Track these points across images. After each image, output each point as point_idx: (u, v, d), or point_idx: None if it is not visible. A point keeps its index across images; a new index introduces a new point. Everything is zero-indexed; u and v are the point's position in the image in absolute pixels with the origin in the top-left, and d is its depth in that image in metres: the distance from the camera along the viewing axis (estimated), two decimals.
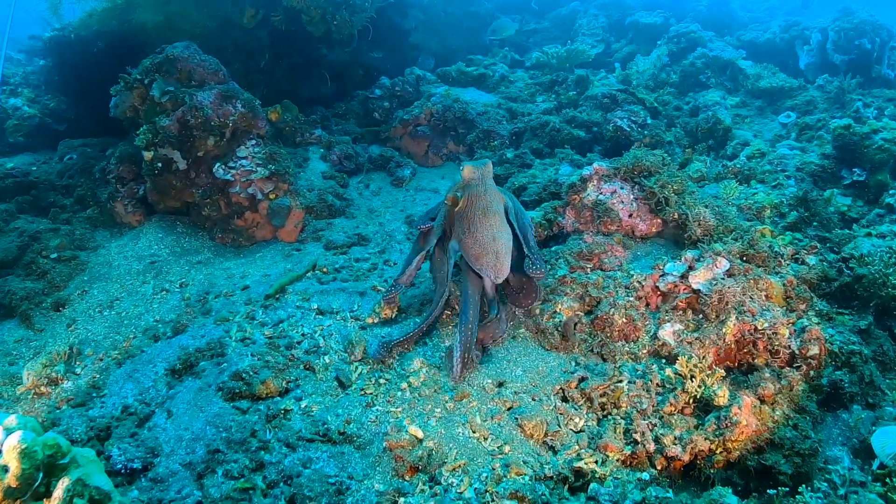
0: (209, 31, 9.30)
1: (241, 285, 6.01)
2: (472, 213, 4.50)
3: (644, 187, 5.29)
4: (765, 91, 9.57)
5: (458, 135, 9.22)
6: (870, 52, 9.60)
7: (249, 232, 7.20)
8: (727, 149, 8.31)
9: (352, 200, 8.07)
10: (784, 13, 14.26)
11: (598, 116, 8.76)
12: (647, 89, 10.33)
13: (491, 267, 4.41)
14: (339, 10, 9.22)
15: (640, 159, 5.43)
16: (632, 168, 5.45)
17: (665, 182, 5.20)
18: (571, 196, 5.50)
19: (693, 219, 4.94)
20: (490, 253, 4.41)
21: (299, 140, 8.92)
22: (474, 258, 4.45)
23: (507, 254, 4.49)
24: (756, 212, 5.97)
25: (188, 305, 5.77)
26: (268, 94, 10.29)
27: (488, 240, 4.42)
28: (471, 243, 4.46)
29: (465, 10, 13.81)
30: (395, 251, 6.84)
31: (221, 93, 7.29)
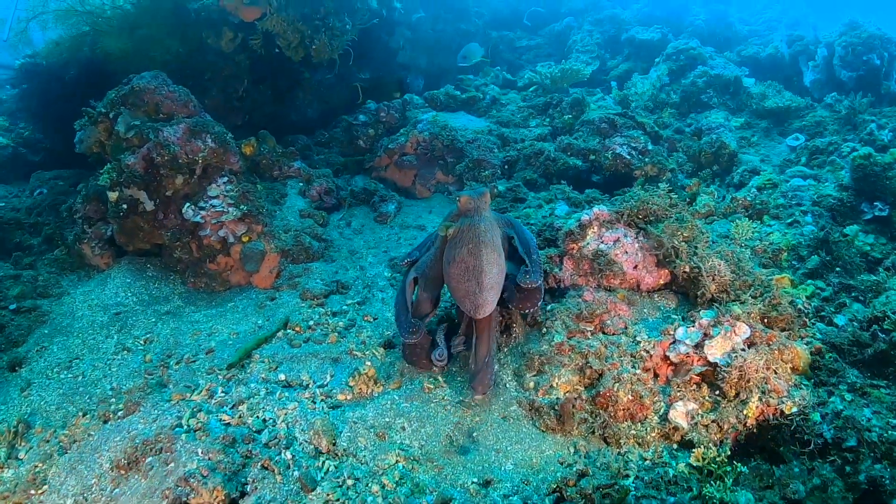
0: (183, 57, 8.83)
1: (206, 346, 5.48)
2: (462, 243, 4.20)
3: (650, 235, 4.74)
4: (771, 111, 9.05)
5: (447, 164, 8.68)
6: (878, 69, 9.09)
7: (223, 276, 6.70)
8: (734, 175, 7.78)
9: (331, 241, 7.52)
10: (784, 26, 13.77)
11: (596, 143, 8.23)
12: (647, 111, 9.83)
13: (470, 298, 4.08)
14: (318, 33, 8.70)
15: (646, 202, 4.89)
16: (637, 212, 4.90)
17: (674, 229, 4.64)
18: (569, 245, 4.94)
19: (707, 273, 4.38)
20: (472, 281, 4.08)
21: (277, 173, 8.37)
22: (454, 287, 4.19)
23: (493, 288, 4.12)
24: (772, 255, 5.42)
25: (147, 373, 5.23)
26: (250, 120, 9.83)
27: (472, 266, 4.10)
28: (454, 272, 4.18)
29: (455, 27, 13.32)
30: (377, 301, 6.29)
31: (190, 127, 6.79)
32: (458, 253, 4.19)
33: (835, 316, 4.36)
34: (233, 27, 8.77)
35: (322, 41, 8.64)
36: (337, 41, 8.83)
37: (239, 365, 5.09)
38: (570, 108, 9.33)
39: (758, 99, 9.19)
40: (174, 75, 8.08)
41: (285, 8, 8.55)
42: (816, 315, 4.43)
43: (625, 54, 12.29)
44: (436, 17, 13.22)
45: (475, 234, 4.19)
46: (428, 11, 13.08)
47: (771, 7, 15.39)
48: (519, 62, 13.83)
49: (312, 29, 8.73)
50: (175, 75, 8.08)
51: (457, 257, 4.19)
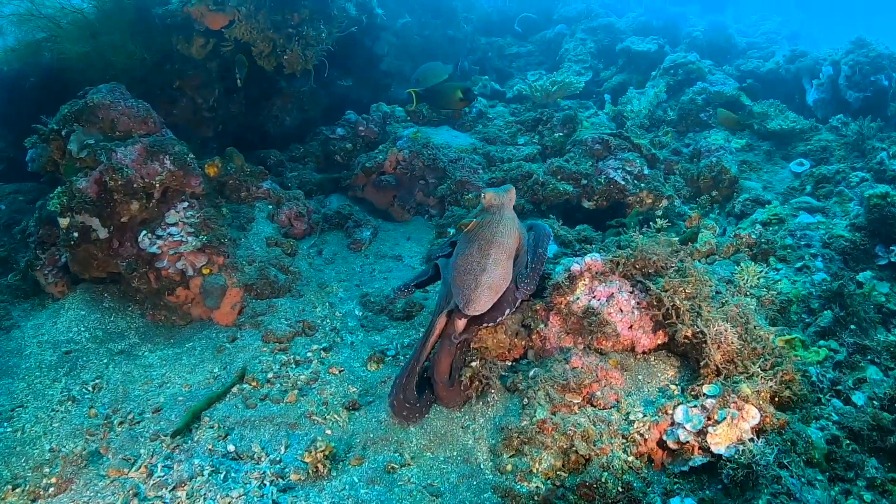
0: (149, 65, 8.24)
1: (154, 402, 4.96)
2: (476, 239, 4.27)
3: (649, 291, 4.18)
4: (773, 133, 8.53)
5: (428, 185, 8.11)
6: (886, 90, 8.60)
7: (184, 309, 6.21)
8: (734, 204, 7.25)
9: (299, 273, 6.92)
10: (784, 38, 13.29)
11: (588, 166, 7.68)
12: (642, 129, 9.28)
13: (465, 291, 4.09)
14: (290, 42, 8.10)
15: (645, 252, 4.34)
16: (634, 262, 4.35)
17: (676, 285, 4.10)
18: (556, 299, 4.38)
19: (712, 340, 3.83)
20: (470, 276, 4.12)
21: (245, 195, 7.76)
22: (454, 277, 4.21)
23: (490, 290, 4.12)
24: (780, 306, 4.89)
25: (89, 433, 4.68)
26: (223, 130, 9.22)
27: (476, 263, 4.15)
28: (460, 263, 4.24)
29: (442, 33, 12.72)
30: (345, 347, 5.73)
31: (146, 147, 6.27)
32: (469, 247, 4.23)
33: (853, 393, 3.82)
34: (203, 32, 8.18)
35: (294, 51, 8.05)
36: (311, 51, 8.23)
37: (186, 430, 4.54)
38: (561, 125, 8.77)
39: (760, 119, 8.67)
40: (140, 84, 7.42)
41: (255, 15, 7.95)
42: (832, 389, 3.90)
43: (619, 65, 11.75)
44: (422, 22, 12.62)
45: (491, 233, 4.24)
46: (414, 17, 12.48)
47: (769, 18, 14.92)
48: (509, 70, 13.26)
49: (285, 38, 8.13)
50: (141, 84, 7.44)
51: (466, 251, 4.23)
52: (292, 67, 8.23)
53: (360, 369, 5.46)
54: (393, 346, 5.76)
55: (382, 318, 6.30)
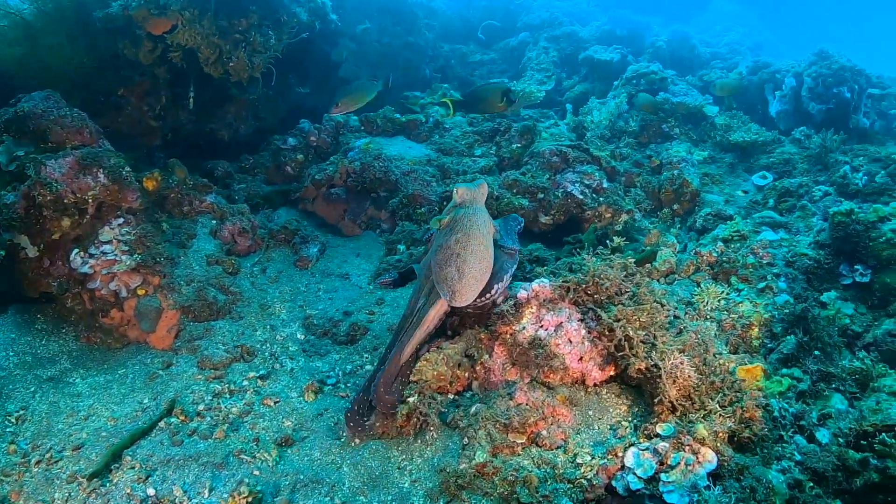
0: (90, 71, 7.74)
1: (76, 438, 4.56)
2: (453, 232, 4.20)
3: (601, 320, 3.85)
4: (736, 145, 8.33)
5: (380, 198, 7.72)
6: (848, 102, 8.47)
7: (120, 331, 5.86)
8: (696, 219, 7.00)
9: (241, 293, 6.49)
10: (747, 49, 13.25)
11: (545, 180, 7.37)
12: (603, 140, 9.03)
13: (448, 283, 4.01)
14: (237, 48, 7.65)
15: (597, 276, 4.01)
16: (585, 288, 4.02)
17: (629, 314, 3.77)
18: (501, 328, 4.03)
19: (667, 374, 3.50)
20: (452, 267, 4.02)
21: (187, 209, 7.30)
22: (436, 273, 4.11)
23: (475, 279, 4.02)
24: (741, 330, 4.60)
25: (4, 473, 4.21)
26: (173, 139, 8.72)
27: (456, 255, 4.06)
28: (439, 257, 4.14)
29: (402, 40, 12.37)
30: (283, 374, 5.34)
31: (78, 160, 5.87)
32: (446, 240, 4.14)
33: (817, 429, 3.52)
34: (151, 37, 7.71)
35: (240, 58, 7.61)
36: (258, 58, 7.79)
37: (105, 471, 4.17)
38: (519, 135, 8.46)
39: (722, 131, 8.48)
40: (81, 91, 7.10)
41: (199, 20, 7.50)
42: (796, 424, 3.60)
43: (582, 74, 11.52)
44: (382, 28, 12.26)
45: (467, 224, 4.18)
46: (373, 23, 12.11)
47: (732, 29, 14.90)
48: (471, 78, 12.96)
49: (231, 44, 7.69)
50: (83, 91, 7.12)
51: (444, 244, 4.14)
52: (238, 75, 7.79)
53: (296, 400, 5.09)
54: (334, 372, 5.40)
55: (325, 342, 5.91)
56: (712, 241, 6.04)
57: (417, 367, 4.08)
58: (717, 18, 17.08)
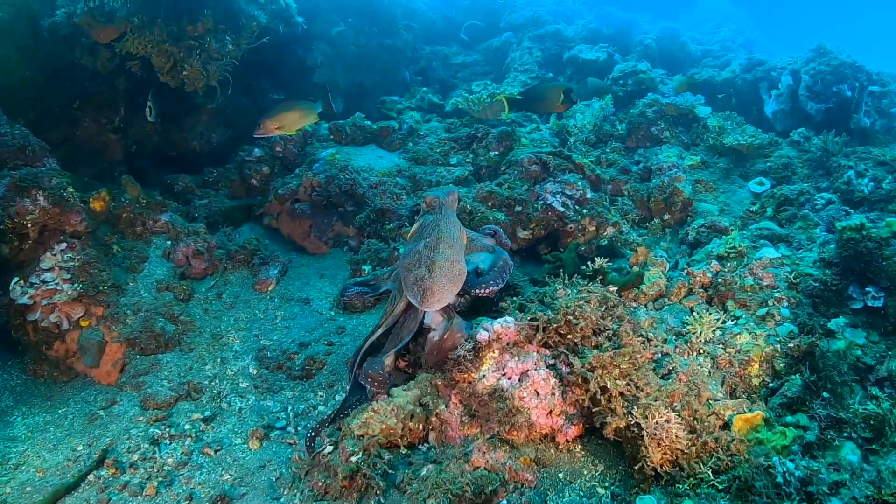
0: (41, 83, 7.22)
1: (0, 493, 4.28)
2: (422, 237, 4.05)
3: (574, 368, 3.26)
4: (731, 149, 7.76)
5: (347, 213, 7.13)
6: (849, 101, 7.91)
7: (67, 363, 5.48)
8: (688, 231, 6.41)
9: (192, 322, 5.95)
10: (739, 46, 12.70)
11: (524, 190, 6.79)
12: (588, 145, 8.46)
13: (418, 283, 3.76)
14: (191, 55, 7.08)
15: (571, 314, 3.43)
16: (556, 328, 3.43)
17: (607, 361, 3.18)
18: (458, 375, 3.44)
19: (650, 436, 2.92)
20: (423, 268, 3.80)
21: (140, 230, 6.75)
22: (404, 277, 3.89)
23: (448, 280, 3.77)
24: (740, 367, 4.01)
25: None
26: (138, 152, 8.20)
27: (426, 256, 3.86)
28: (408, 262, 3.96)
29: (379, 42, 11.76)
30: (230, 416, 4.86)
31: (16, 182, 5.48)
32: (415, 245, 4.01)
33: (828, 500, 2.94)
34: (109, 45, 7.16)
35: (194, 67, 7.03)
36: (214, 65, 7.22)
37: None
38: (497, 142, 7.88)
39: (716, 134, 7.90)
40: (35, 104, 6.83)
41: (149, 27, 6.93)
42: (802, 491, 3.01)
43: (567, 75, 10.95)
44: (358, 31, 11.64)
45: (436, 230, 4.03)
46: (349, 25, 11.51)
47: (723, 26, 14.35)
48: (453, 80, 12.39)
49: (185, 51, 7.12)
50: (36, 104, 6.84)
51: (413, 249, 4.01)
52: (193, 84, 7.23)
53: (240, 447, 4.59)
54: (285, 413, 4.87)
55: (279, 377, 5.34)
56: (706, 257, 5.46)
57: (363, 420, 3.51)
58: (706, 16, 16.52)
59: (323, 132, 8.51)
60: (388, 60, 12.11)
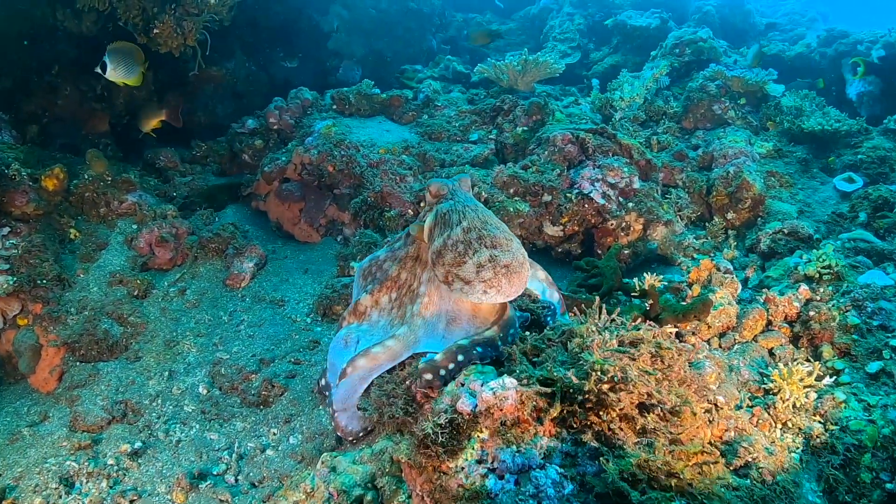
0: (19, 42, 6.46)
1: None
2: (452, 223, 2.71)
3: (604, 476, 2.07)
4: (810, 135, 6.35)
5: (343, 196, 6.00)
6: None
7: (13, 363, 4.85)
8: (760, 237, 5.09)
9: (143, 324, 5.00)
10: (809, 20, 11.09)
11: (555, 176, 5.54)
12: (636, 123, 7.13)
13: (488, 269, 2.55)
14: (163, 11, 6.00)
15: (607, 380, 2.23)
16: (578, 394, 2.25)
17: (659, 470, 1.99)
18: (424, 460, 2.29)
19: None
20: (483, 247, 2.59)
21: (104, 211, 5.82)
22: (450, 271, 2.62)
23: (524, 257, 2.67)
24: (845, 457, 2.76)
25: None
26: (130, 123, 7.47)
27: (475, 234, 2.61)
28: (451, 257, 2.62)
29: (402, 6, 10.55)
30: (165, 449, 4.15)
31: None
32: (450, 234, 2.69)
33: None
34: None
35: (166, 23, 5.95)
36: (191, 22, 6.12)
37: None
38: (526, 115, 6.62)
39: (792, 116, 6.48)
40: (11, 69, 6.33)
41: None
42: None
43: (612, 45, 9.56)
44: None
45: (469, 211, 2.74)
46: None
47: None
48: (485, 50, 11.09)
49: (158, 4, 6.05)
50: (12, 69, 6.34)
51: (450, 238, 2.68)
52: (167, 45, 6.16)
53: (160, 500, 3.53)
54: (229, 453, 3.88)
55: (232, 402, 4.32)
56: (785, 275, 4.18)
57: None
58: None
59: (326, 102, 7.37)
60: (411, 27, 10.89)
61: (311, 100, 7.30)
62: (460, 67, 9.22)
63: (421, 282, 2.96)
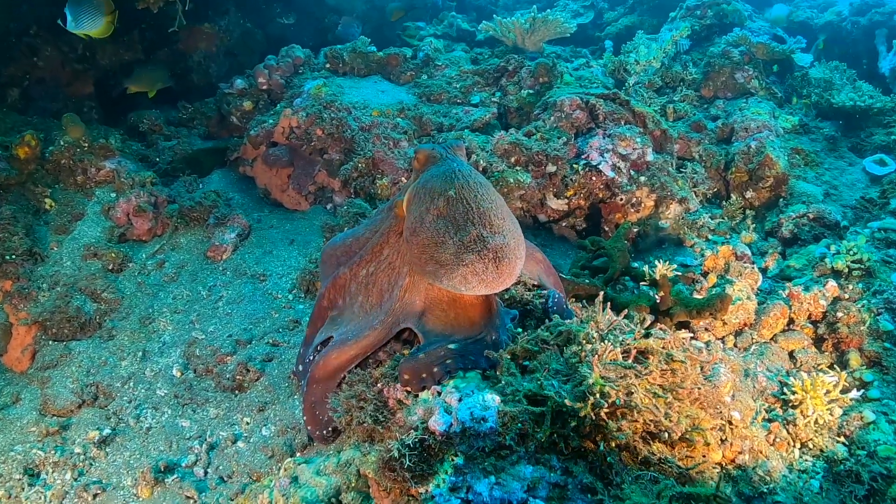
0: None
1: None
2: (435, 193, 2.25)
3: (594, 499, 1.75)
4: (840, 111, 5.87)
5: (333, 161, 5.61)
6: None
7: None
8: (781, 220, 4.69)
9: (118, 300, 4.70)
10: None
11: (561, 144, 5.12)
12: (652, 89, 6.66)
13: (474, 251, 2.13)
14: None
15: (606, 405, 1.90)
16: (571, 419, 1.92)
17: None
18: (390, 482, 1.97)
19: None
20: (470, 223, 2.16)
21: (81, 179, 5.48)
22: (432, 253, 2.19)
23: (521, 237, 2.29)
24: (870, 485, 2.44)
25: None
26: (117, 84, 6.96)
27: (462, 208, 2.18)
28: (429, 234, 2.21)
29: None
30: (135, 436, 3.83)
31: None
32: (431, 205, 2.24)
33: None
34: None
35: None
36: None
37: None
38: (531, 77, 6.17)
39: (821, 90, 6.00)
40: None
41: None
42: None
43: (628, 4, 8.97)
44: None
45: (463, 172, 2.30)
46: None
47: None
48: (493, 7, 10.50)
49: None
50: None
51: (430, 210, 2.23)
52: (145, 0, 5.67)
53: (124, 496, 3.26)
54: (199, 442, 3.57)
55: (206, 385, 4.03)
56: (809, 265, 3.79)
57: None
58: None
59: (319, 60, 6.90)
60: None
61: (302, 58, 6.84)
62: (465, 25, 8.69)
63: (403, 264, 2.61)
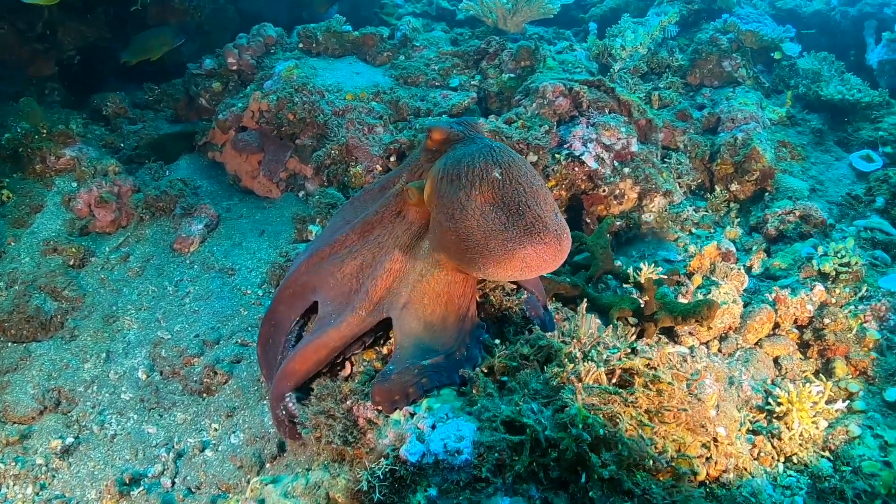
0: None
1: None
2: (471, 177, 2.03)
3: None
4: (827, 104, 5.77)
5: (305, 147, 5.38)
6: None
7: None
8: (767, 216, 4.58)
9: (80, 298, 4.48)
10: None
11: (543, 133, 4.95)
12: (637, 75, 6.50)
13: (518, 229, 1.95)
14: None
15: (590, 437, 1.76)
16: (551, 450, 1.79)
17: None
18: None
19: None
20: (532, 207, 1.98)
21: (40, 168, 5.19)
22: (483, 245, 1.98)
23: None
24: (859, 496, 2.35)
25: None
26: (82, 64, 6.50)
27: (497, 182, 1.98)
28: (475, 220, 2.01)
29: None
30: (98, 444, 3.63)
31: None
32: (472, 191, 2.02)
33: None
34: None
35: None
36: None
37: None
38: (513, 60, 5.97)
39: (809, 81, 5.88)
40: None
41: None
42: None
43: None
44: None
45: (500, 152, 2.07)
46: None
47: None
48: None
49: None
50: None
51: (470, 197, 2.01)
52: None
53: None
54: (167, 450, 3.39)
55: (173, 387, 3.86)
56: (798, 266, 3.70)
57: None
58: None
59: (292, 40, 6.62)
60: None
61: (274, 37, 6.54)
62: (445, 3, 8.42)
63: (394, 246, 2.42)
